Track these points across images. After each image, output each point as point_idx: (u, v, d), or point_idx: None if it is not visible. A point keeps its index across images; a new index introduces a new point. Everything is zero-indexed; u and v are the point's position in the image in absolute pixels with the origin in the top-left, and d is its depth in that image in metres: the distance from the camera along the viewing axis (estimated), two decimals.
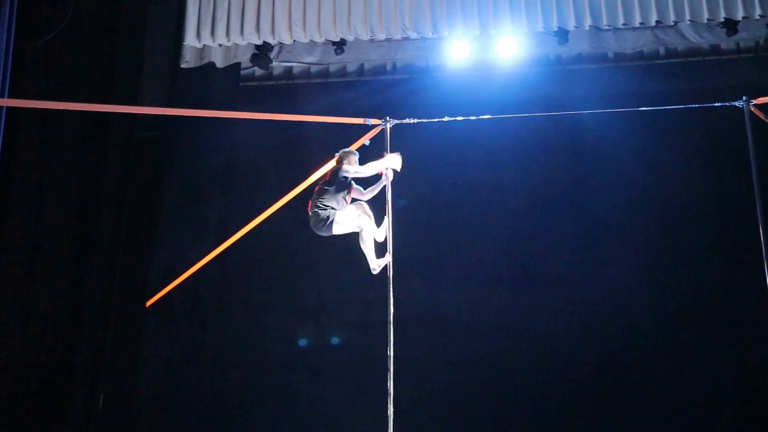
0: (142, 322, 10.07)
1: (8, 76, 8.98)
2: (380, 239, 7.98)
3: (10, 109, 9.12)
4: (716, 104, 8.57)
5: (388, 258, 7.87)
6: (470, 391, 10.87)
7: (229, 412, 11.10)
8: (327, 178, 7.83)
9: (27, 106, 9.03)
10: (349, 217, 7.74)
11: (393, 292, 7.76)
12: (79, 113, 9.02)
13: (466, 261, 11.37)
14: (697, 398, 10.51)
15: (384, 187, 8.05)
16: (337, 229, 7.73)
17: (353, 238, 8.15)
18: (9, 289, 9.27)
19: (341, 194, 7.70)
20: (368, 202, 8.19)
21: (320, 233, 7.76)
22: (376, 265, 7.89)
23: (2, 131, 8.90)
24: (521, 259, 11.33)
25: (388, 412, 7.45)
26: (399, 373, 7.64)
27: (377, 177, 8.12)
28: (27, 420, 8.93)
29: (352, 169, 7.70)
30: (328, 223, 7.56)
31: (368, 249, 7.84)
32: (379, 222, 8.12)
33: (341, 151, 7.96)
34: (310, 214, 7.74)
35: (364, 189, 8.10)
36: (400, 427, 7.54)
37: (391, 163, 7.93)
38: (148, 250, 10.13)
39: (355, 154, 7.95)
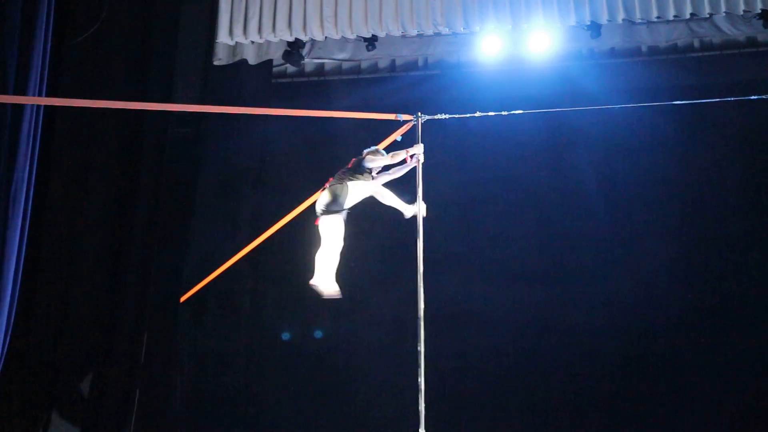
0: (176, 318, 10.11)
1: (45, 75, 9.00)
2: (407, 215, 7.93)
3: (47, 108, 9.18)
4: (752, 97, 8.48)
5: (417, 208, 7.81)
6: (503, 387, 10.86)
7: (261, 407, 11.15)
8: (349, 166, 7.77)
9: (63, 104, 9.09)
10: (364, 188, 7.70)
11: (424, 288, 7.75)
12: (114, 111, 8.95)
13: (498, 256, 11.36)
14: (734, 397, 10.45)
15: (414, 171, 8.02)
16: (350, 199, 7.61)
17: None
18: (48, 286, 9.34)
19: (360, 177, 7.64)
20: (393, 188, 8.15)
21: (330, 208, 7.57)
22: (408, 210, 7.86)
23: (40, 130, 8.95)
24: (553, 255, 11.32)
25: (420, 408, 7.44)
26: (430, 369, 7.61)
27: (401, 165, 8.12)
28: (65, 417, 9.01)
29: (375, 161, 7.65)
30: (343, 193, 7.43)
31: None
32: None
33: (368, 149, 7.90)
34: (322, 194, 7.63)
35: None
36: (432, 424, 7.51)
37: (413, 150, 7.89)
38: (183, 246, 10.17)
39: (381, 153, 7.89)
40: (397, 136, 8.49)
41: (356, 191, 7.72)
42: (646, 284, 10.95)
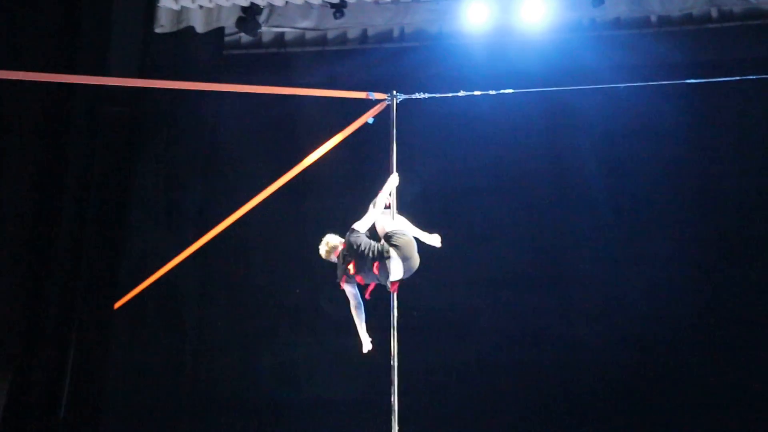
0: (109, 327, 10.11)
1: None
2: (437, 244, 8.05)
3: None
4: None
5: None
6: (488, 406, 10.90)
7: (210, 431, 11.13)
8: (343, 248, 7.64)
9: None
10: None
11: (397, 294, 7.76)
12: (35, 85, 8.84)
13: (484, 257, 11.37)
14: (752, 417, 10.51)
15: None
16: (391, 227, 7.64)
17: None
18: None
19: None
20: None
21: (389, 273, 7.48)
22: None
23: None
24: (548, 256, 11.34)
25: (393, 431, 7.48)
26: (405, 386, 7.68)
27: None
28: None
29: (363, 225, 7.62)
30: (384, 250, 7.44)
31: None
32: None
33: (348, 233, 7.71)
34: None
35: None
36: None
37: (392, 184, 7.91)
38: (117, 244, 10.19)
39: (358, 230, 7.64)
40: (368, 117, 8.50)
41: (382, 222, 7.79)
42: (655, 290, 10.97)
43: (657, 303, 10.94)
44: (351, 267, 7.46)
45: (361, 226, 7.59)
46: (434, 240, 7.92)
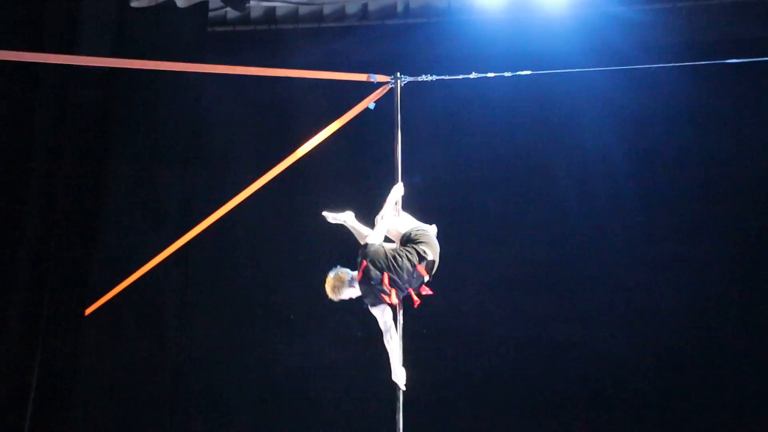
0: (80, 336, 10.14)
1: None
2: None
3: None
4: None
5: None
6: (501, 422, 10.88)
7: None
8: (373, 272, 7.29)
9: None
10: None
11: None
12: None
13: (497, 258, 11.32)
14: None
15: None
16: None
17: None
18: None
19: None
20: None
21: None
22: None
23: None
24: (569, 256, 11.25)
25: None
26: (411, 400, 7.48)
27: None
28: None
29: (377, 238, 7.35)
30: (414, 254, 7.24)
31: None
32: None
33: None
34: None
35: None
36: None
37: (397, 194, 7.75)
38: (89, 243, 10.20)
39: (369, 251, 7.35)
40: (368, 103, 8.36)
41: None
42: (693, 297, 10.90)
43: (691, 310, 10.93)
44: (386, 281, 7.16)
45: (376, 238, 7.38)
46: (432, 232, 7.76)
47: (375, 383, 9.84)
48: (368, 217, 7.77)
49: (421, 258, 7.27)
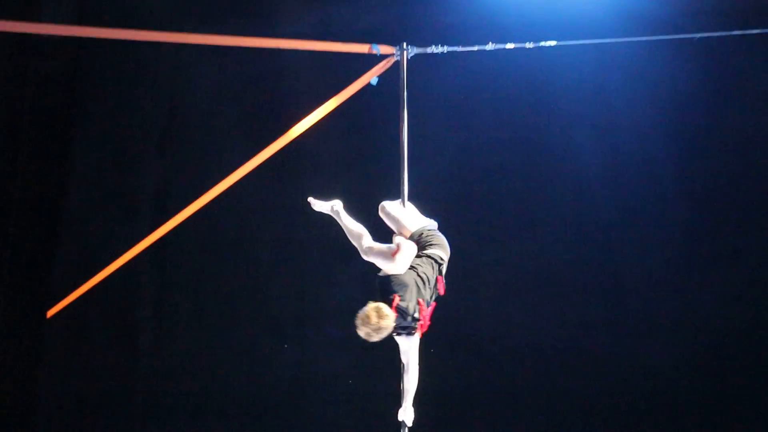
0: (40, 341, 10.03)
1: None
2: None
3: None
4: None
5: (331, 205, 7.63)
6: None
7: None
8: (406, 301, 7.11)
9: None
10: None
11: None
12: None
13: (516, 255, 11.17)
14: None
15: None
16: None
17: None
18: None
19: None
20: None
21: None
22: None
23: None
24: (598, 254, 11.06)
25: None
26: (418, 418, 7.34)
27: None
28: None
29: (402, 265, 7.11)
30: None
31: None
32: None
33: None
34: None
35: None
36: None
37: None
38: (50, 238, 10.15)
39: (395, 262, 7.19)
40: (371, 77, 8.32)
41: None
42: (737, 299, 10.70)
43: (740, 315, 10.73)
44: (423, 311, 7.03)
45: (400, 268, 7.07)
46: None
47: (375, 397, 10.36)
48: (369, 211, 7.66)
49: (439, 267, 7.18)
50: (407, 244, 7.16)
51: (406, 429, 7.23)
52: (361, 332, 6.76)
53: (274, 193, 11.13)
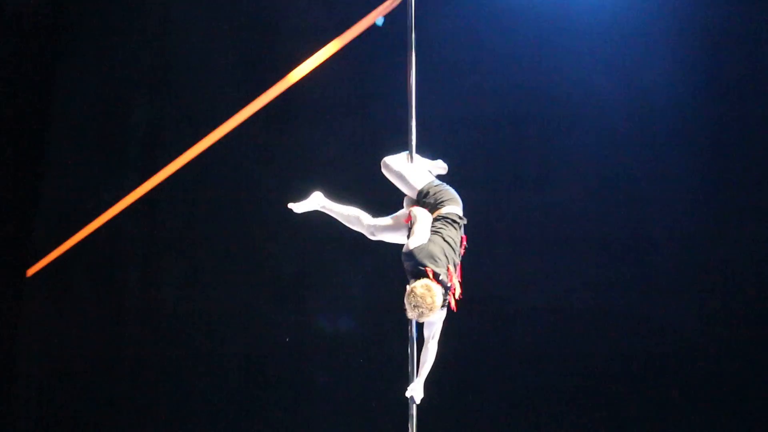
0: (19, 302, 10.29)
1: None
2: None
3: None
4: None
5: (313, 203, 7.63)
6: (542, 404, 10.75)
7: None
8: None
9: None
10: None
11: None
12: None
13: (537, 214, 11.01)
14: None
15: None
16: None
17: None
18: None
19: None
20: None
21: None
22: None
23: None
24: (623, 213, 10.93)
25: None
26: (430, 385, 7.26)
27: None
28: None
29: (421, 237, 7.06)
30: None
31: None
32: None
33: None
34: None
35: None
36: None
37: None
38: (30, 193, 10.30)
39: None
40: (376, 17, 8.19)
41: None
42: None
43: None
44: (452, 277, 6.99)
45: (422, 238, 7.03)
46: (441, 169, 7.82)
47: (378, 361, 10.47)
48: (373, 162, 7.61)
49: (460, 226, 7.15)
50: (419, 210, 7.12)
51: (414, 405, 7.17)
52: (413, 313, 6.74)
53: (272, 143, 11.16)
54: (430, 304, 6.60)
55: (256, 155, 11.16)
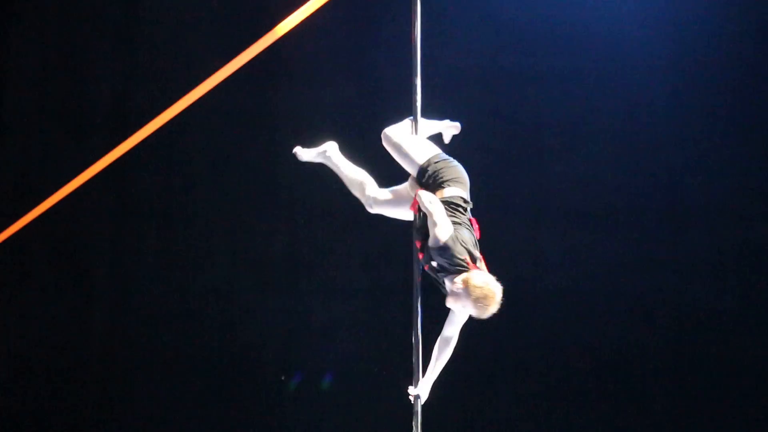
0: None
1: None
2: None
3: None
4: None
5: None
6: (564, 390, 10.89)
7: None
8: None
9: None
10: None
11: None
12: None
13: (554, 185, 11.13)
14: None
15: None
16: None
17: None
18: None
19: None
20: None
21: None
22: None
23: None
24: (654, 185, 10.99)
25: None
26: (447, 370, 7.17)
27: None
28: None
29: (445, 230, 6.96)
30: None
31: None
32: None
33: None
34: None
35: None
36: None
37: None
38: None
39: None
40: None
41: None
42: None
43: None
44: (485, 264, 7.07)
45: (447, 228, 6.97)
46: (454, 129, 7.69)
47: (379, 347, 10.51)
48: (372, 131, 7.54)
49: (463, 210, 7.04)
50: (426, 195, 7.00)
51: (419, 404, 7.05)
52: (490, 311, 6.83)
53: (257, 105, 11.19)
54: (499, 301, 6.71)
55: (239, 118, 11.14)
